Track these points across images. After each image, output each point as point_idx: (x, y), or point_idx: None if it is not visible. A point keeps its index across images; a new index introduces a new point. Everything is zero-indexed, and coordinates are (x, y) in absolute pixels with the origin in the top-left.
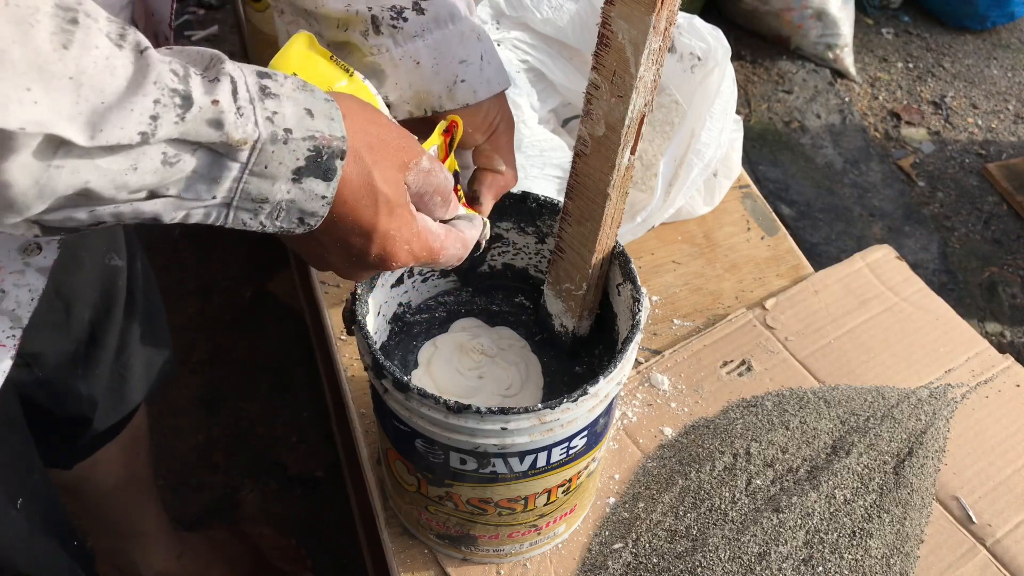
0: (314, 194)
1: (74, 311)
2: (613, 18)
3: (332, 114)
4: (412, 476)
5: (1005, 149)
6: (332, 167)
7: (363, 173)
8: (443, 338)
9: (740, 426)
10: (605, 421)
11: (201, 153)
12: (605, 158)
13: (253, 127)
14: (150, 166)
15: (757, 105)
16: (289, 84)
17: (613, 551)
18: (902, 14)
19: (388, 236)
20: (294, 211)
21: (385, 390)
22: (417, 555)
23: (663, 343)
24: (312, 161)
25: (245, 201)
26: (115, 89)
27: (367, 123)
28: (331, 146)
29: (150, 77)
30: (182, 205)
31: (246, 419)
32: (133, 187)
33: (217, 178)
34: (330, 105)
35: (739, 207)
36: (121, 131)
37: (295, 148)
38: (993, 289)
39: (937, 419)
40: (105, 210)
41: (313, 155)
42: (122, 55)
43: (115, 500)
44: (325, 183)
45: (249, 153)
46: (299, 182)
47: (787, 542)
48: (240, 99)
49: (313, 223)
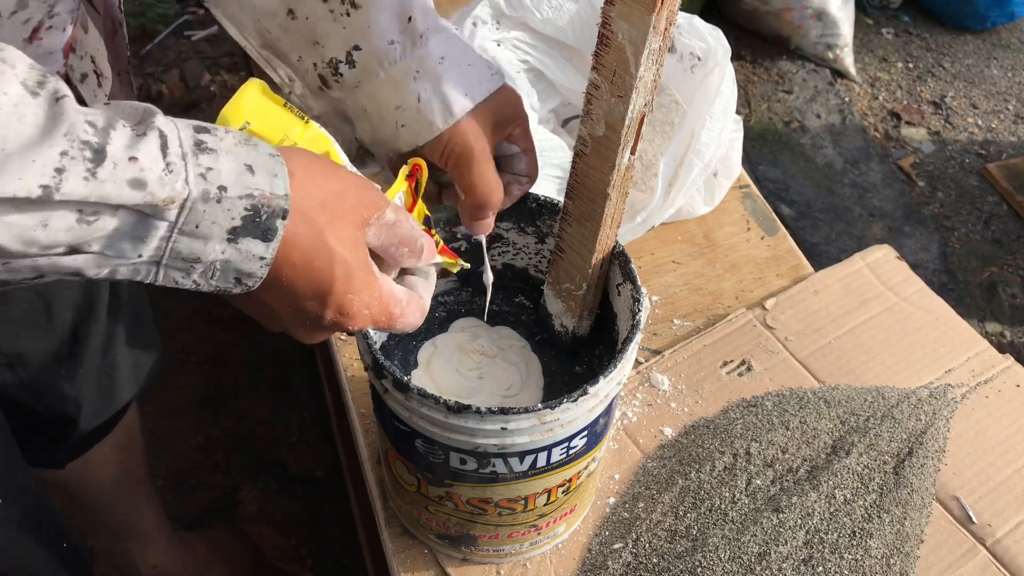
0: (251, 255)
1: (55, 311)
2: (613, 18)
3: (276, 170)
4: (412, 476)
5: (1005, 149)
6: (272, 227)
7: (313, 234)
8: (443, 338)
9: (740, 426)
10: (605, 421)
11: (123, 212)
12: (605, 158)
13: (183, 185)
14: (62, 224)
15: (757, 105)
16: (230, 138)
17: (613, 551)
18: (902, 14)
19: (345, 301)
20: (230, 271)
21: (385, 390)
22: (417, 555)
23: (663, 343)
24: (249, 221)
25: (175, 260)
26: (20, 138)
27: (320, 178)
28: (271, 205)
29: (61, 128)
30: (106, 262)
31: (246, 419)
32: (44, 243)
33: (143, 237)
34: (274, 160)
35: (739, 207)
36: (19, 182)
37: (230, 207)
38: (993, 289)
39: (937, 419)
40: (22, 264)
41: (250, 214)
42: (35, 103)
43: (111, 499)
44: (264, 244)
45: (178, 212)
46: (235, 242)
47: (787, 542)
48: (170, 155)
49: (251, 283)
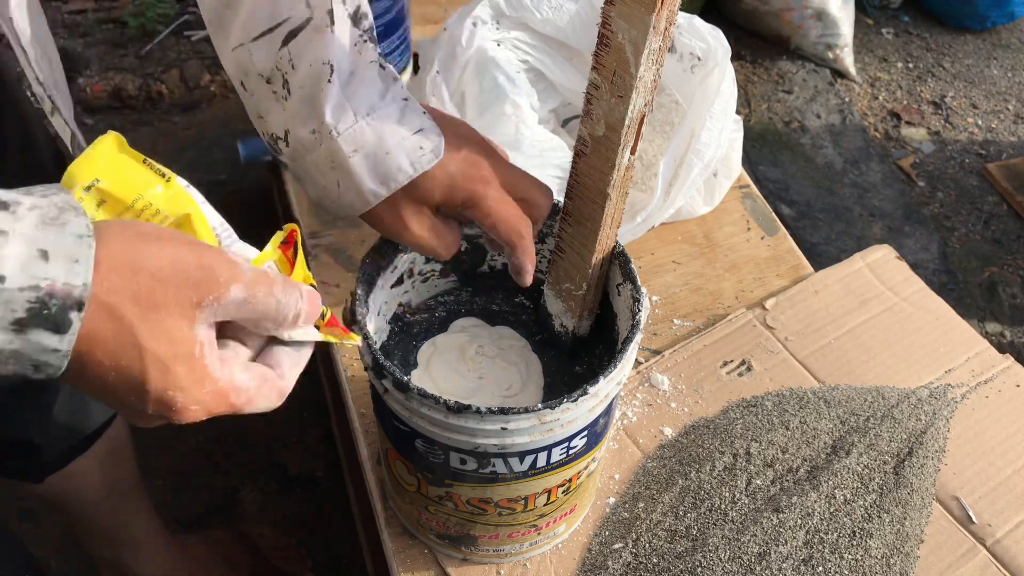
0: (43, 347)
1: None
2: (613, 18)
3: (79, 255)
4: (412, 476)
5: (1005, 149)
6: (65, 319)
7: (121, 329)
8: (443, 338)
9: (740, 426)
10: (605, 421)
11: None
12: (605, 158)
13: None
14: None
15: (757, 105)
16: (32, 217)
17: (613, 551)
18: (902, 14)
19: (166, 398)
20: (25, 360)
21: (385, 390)
22: (417, 555)
23: (663, 343)
24: (36, 313)
25: None
26: None
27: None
28: (63, 296)
29: None
30: None
31: (246, 419)
32: None
33: None
34: (80, 244)
35: (739, 207)
36: None
37: (9, 299)
38: (993, 289)
39: (937, 419)
40: None
41: (36, 307)
42: None
43: (100, 510)
44: (58, 336)
45: None
46: (22, 333)
47: (787, 542)
48: None
49: (52, 372)
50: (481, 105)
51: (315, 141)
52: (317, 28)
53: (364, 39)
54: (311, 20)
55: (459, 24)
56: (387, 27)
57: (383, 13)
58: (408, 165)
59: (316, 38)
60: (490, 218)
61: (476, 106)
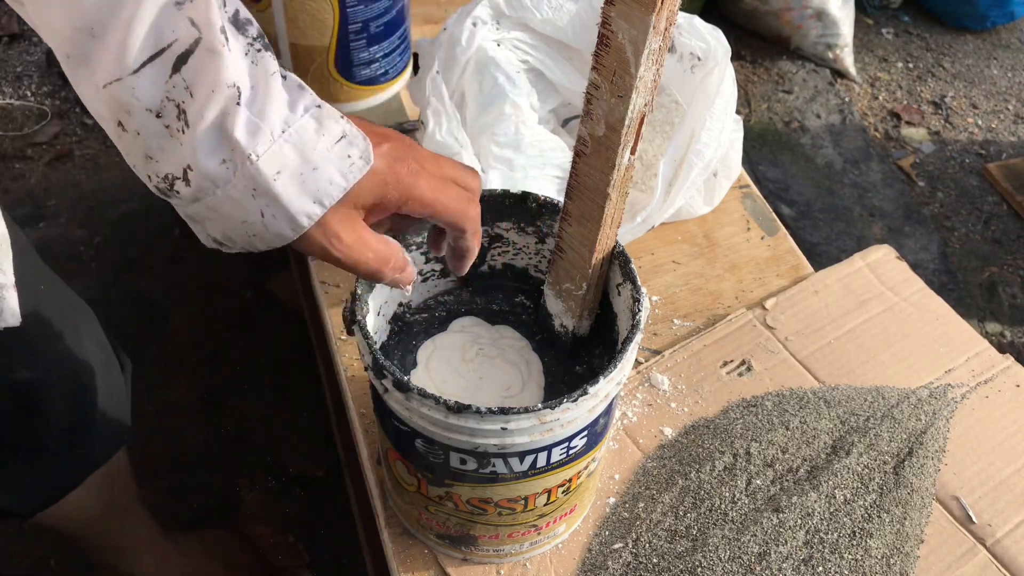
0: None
1: None
2: (613, 18)
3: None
4: (412, 476)
5: (1005, 149)
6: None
7: None
8: (443, 337)
9: (740, 426)
10: (605, 421)
11: None
12: (605, 158)
13: None
14: None
15: (757, 105)
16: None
17: (613, 551)
18: (902, 14)
19: None
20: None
21: (385, 390)
22: (417, 555)
23: (663, 343)
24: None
25: None
26: None
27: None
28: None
29: None
30: None
31: (246, 419)
32: None
33: None
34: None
35: (739, 207)
36: None
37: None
38: (993, 289)
39: (937, 419)
40: None
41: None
42: None
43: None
44: None
45: None
46: None
47: (787, 542)
48: None
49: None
50: (481, 105)
51: (228, 172)
52: (211, 49)
53: (257, 48)
54: (200, 40)
55: (459, 24)
56: (387, 27)
57: (383, 13)
58: (340, 177)
59: (212, 59)
60: (432, 207)
61: (476, 106)
